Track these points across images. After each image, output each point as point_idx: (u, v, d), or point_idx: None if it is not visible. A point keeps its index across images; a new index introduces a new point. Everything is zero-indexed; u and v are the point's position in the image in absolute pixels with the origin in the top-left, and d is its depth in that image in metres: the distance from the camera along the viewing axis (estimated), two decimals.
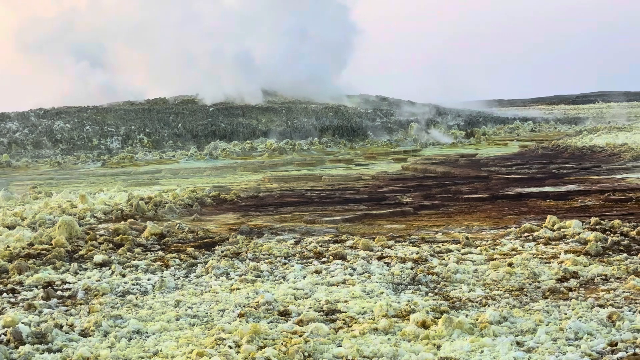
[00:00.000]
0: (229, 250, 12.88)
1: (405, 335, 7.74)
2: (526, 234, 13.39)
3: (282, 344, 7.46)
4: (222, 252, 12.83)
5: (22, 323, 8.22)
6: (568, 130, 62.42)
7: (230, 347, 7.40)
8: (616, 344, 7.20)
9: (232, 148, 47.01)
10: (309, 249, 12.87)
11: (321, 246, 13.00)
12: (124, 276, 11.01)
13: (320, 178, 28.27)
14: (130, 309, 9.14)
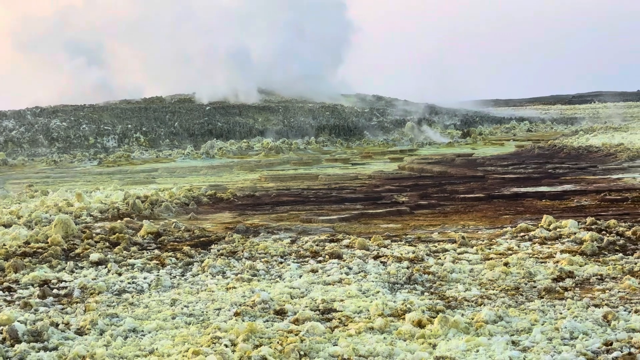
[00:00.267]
0: (225, 249, 12.87)
1: (401, 335, 7.74)
2: (522, 234, 13.40)
3: (278, 342, 7.47)
4: (218, 251, 12.83)
5: (18, 321, 8.21)
6: (564, 130, 62.47)
7: (226, 345, 7.40)
8: (611, 344, 7.21)
9: (229, 147, 47.01)
10: (305, 248, 12.87)
11: (317, 245, 13.00)
12: (120, 275, 11.00)
13: (317, 177, 28.28)
14: (127, 308, 9.13)
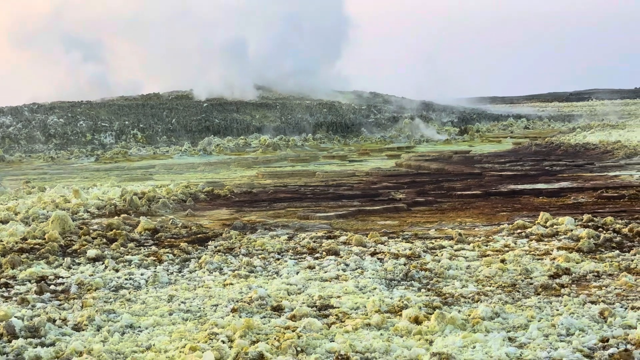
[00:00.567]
0: (222, 246, 12.87)
1: (398, 331, 7.75)
2: (519, 231, 13.42)
3: (275, 339, 7.47)
4: (215, 247, 12.83)
5: (15, 317, 8.22)
6: (561, 127, 62.51)
7: (223, 341, 7.40)
8: (607, 340, 7.22)
9: (226, 144, 46.99)
10: (302, 244, 12.87)
11: (314, 242, 13.01)
12: (117, 271, 11.00)
13: (314, 174, 28.29)
14: (124, 304, 9.14)
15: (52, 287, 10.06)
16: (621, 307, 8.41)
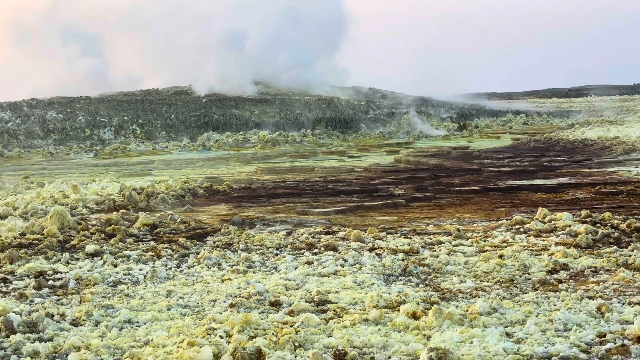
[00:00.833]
0: (220, 241, 12.88)
1: (396, 326, 7.76)
2: (517, 226, 13.42)
3: (273, 334, 7.48)
4: (214, 242, 12.83)
5: (14, 312, 8.22)
6: (560, 123, 62.55)
7: (221, 337, 7.41)
8: (605, 335, 7.23)
9: (225, 139, 46.97)
10: (300, 240, 12.88)
11: (313, 237, 13.01)
12: (115, 266, 11.01)
13: (313, 170, 28.29)
14: (122, 299, 9.14)
15: (50, 282, 10.06)
16: (618, 302, 8.42)
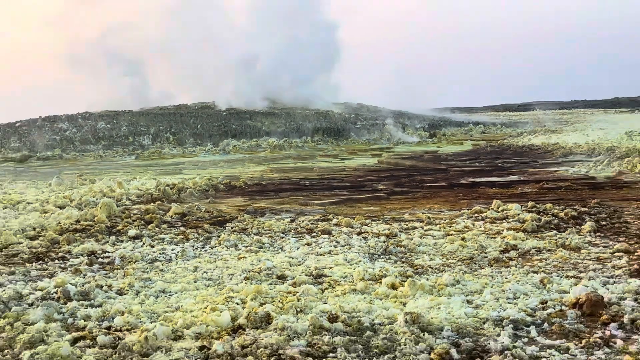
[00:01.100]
0: (237, 227, 12.88)
1: (378, 295, 7.77)
2: (476, 215, 13.43)
3: (279, 301, 7.49)
4: (232, 228, 12.83)
5: (70, 284, 8.23)
6: (511, 132, 62.42)
7: (237, 303, 7.43)
8: (546, 302, 7.25)
9: (241, 145, 46.90)
10: (302, 226, 12.88)
11: (312, 224, 13.01)
12: (152, 247, 11.01)
13: (312, 169, 28.25)
14: (157, 273, 9.15)
15: (100, 260, 10.07)
16: (557, 276, 8.44)
